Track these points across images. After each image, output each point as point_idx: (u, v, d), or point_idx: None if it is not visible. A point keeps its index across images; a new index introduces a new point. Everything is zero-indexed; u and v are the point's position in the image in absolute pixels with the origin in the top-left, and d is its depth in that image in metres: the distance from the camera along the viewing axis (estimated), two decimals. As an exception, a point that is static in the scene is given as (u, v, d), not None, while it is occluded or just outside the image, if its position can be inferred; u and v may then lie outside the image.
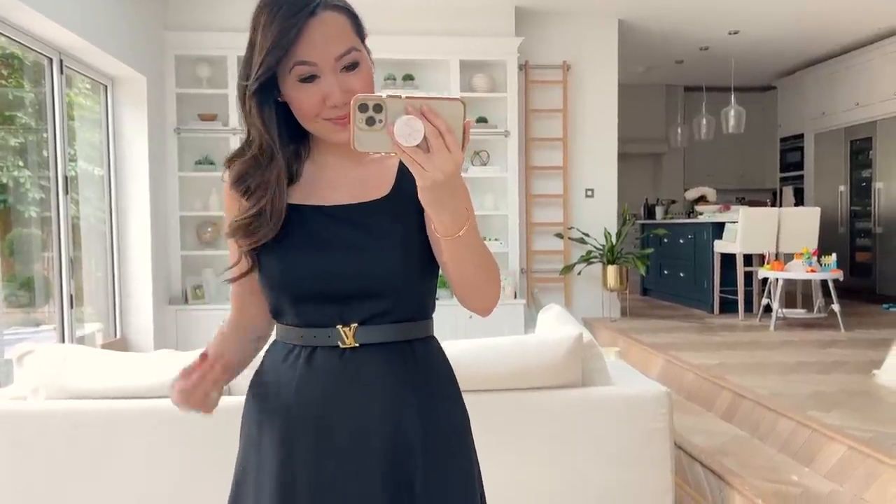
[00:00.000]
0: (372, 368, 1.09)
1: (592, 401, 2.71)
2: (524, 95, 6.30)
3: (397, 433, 1.08)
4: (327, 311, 1.09)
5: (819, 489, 2.72)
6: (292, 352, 1.12)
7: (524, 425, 2.68)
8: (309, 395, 1.09)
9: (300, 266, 1.08)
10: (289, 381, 1.11)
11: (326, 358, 1.09)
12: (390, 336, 1.10)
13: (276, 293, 1.12)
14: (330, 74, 1.04)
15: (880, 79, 7.25)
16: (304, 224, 1.10)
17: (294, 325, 1.12)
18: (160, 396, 2.62)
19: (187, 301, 5.76)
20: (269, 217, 1.07)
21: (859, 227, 7.61)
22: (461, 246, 0.99)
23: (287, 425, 1.10)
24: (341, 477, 1.07)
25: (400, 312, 1.11)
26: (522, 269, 6.38)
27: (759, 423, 3.38)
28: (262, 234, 1.08)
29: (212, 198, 5.82)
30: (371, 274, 1.08)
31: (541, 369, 2.69)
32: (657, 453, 2.68)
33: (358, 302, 1.08)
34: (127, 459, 2.57)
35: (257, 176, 1.09)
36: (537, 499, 2.67)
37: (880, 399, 3.42)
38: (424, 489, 1.08)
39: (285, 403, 1.11)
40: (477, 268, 1.04)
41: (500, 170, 6.08)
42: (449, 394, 1.17)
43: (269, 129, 1.08)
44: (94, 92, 5.09)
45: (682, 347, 4.83)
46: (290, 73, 1.04)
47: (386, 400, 1.09)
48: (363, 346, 1.09)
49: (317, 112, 1.05)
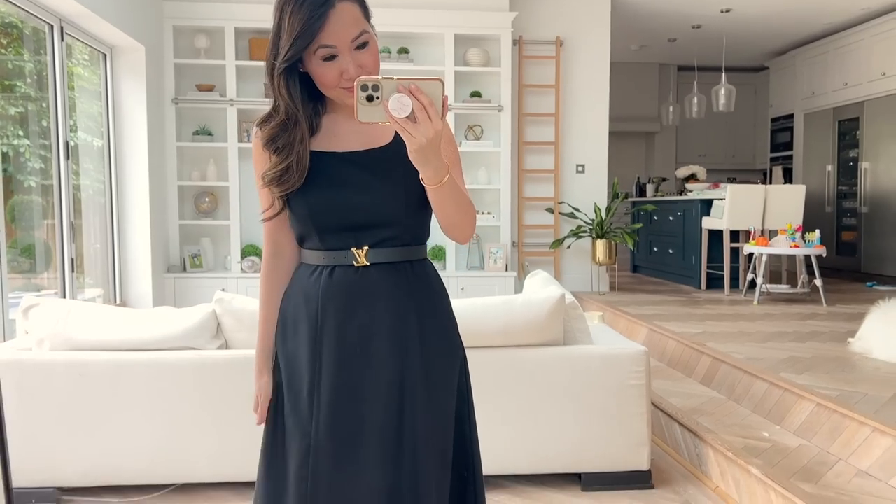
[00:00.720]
0: (380, 281, 1.36)
1: (574, 358, 2.84)
2: (518, 71, 6.40)
3: (400, 327, 1.36)
4: (344, 237, 1.35)
5: (787, 444, 2.87)
6: (315, 270, 1.38)
7: (509, 381, 2.81)
8: (332, 302, 1.36)
9: (322, 202, 1.34)
10: (315, 292, 1.37)
11: (344, 274, 1.36)
12: (394, 257, 1.37)
13: (303, 225, 1.38)
14: (346, 54, 1.28)
15: (868, 59, 7.35)
16: (324, 167, 1.34)
17: (317, 249, 1.38)
18: (160, 349, 2.76)
19: (185, 269, 5.88)
20: (296, 170, 1.33)
21: (845, 206, 7.75)
22: (443, 192, 1.24)
23: (316, 324, 1.37)
24: (357, 359, 1.35)
25: (401, 238, 1.37)
26: (514, 242, 6.50)
27: (735, 385, 3.52)
28: (292, 184, 1.33)
29: (209, 168, 5.92)
30: (379, 207, 1.34)
31: (525, 328, 2.83)
32: (634, 409, 2.83)
33: (368, 229, 1.35)
34: (129, 408, 2.70)
35: (285, 137, 1.34)
36: (521, 449, 2.82)
37: (852, 364, 3.56)
38: (421, 371, 1.36)
39: (315, 307, 1.37)
40: (456, 208, 1.30)
41: (494, 144, 6.19)
42: (439, 299, 1.44)
43: (294, 100, 1.33)
44: (94, 63, 5.16)
45: (666, 318, 4.97)
46: (314, 54, 1.27)
47: (391, 303, 1.36)
48: (373, 265, 1.36)
49: (335, 84, 1.29)
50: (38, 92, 4.53)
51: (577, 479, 2.87)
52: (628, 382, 2.83)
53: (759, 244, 5.63)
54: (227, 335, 2.85)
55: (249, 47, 5.93)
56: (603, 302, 5.88)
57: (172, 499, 2.75)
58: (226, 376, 2.74)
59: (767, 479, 2.45)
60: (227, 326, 2.83)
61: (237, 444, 2.73)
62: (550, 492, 2.82)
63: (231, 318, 2.82)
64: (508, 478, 2.90)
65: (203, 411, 2.75)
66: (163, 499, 2.75)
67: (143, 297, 5.44)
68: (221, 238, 6.09)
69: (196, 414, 2.75)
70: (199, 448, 2.76)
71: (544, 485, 2.88)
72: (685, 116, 8.72)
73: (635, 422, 2.83)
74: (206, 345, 2.79)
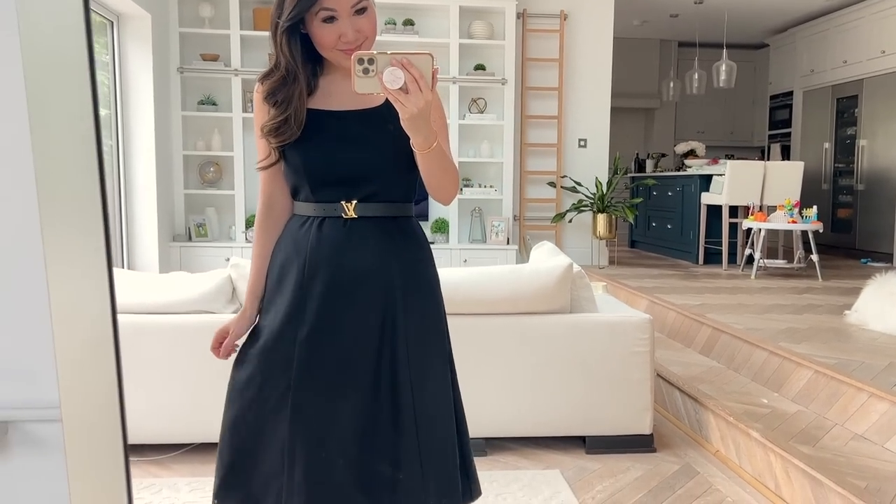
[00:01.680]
0: (367, 233, 1.44)
1: (580, 326, 2.93)
2: (521, 44, 6.42)
3: (386, 275, 1.45)
4: (334, 190, 1.43)
5: (786, 409, 2.97)
6: (307, 222, 1.46)
7: (516, 347, 2.90)
8: (321, 251, 1.44)
9: (316, 156, 1.43)
10: (305, 242, 1.45)
11: (334, 226, 1.44)
12: (381, 212, 1.45)
13: (297, 177, 1.46)
14: (346, 18, 1.35)
15: (868, 37, 7.39)
16: (319, 123, 1.43)
17: (308, 202, 1.46)
18: (178, 312, 2.82)
19: (191, 238, 5.93)
20: (294, 123, 1.41)
21: (842, 184, 7.83)
22: (431, 157, 1.33)
23: (304, 271, 1.44)
24: (342, 303, 1.43)
25: (388, 195, 1.46)
26: (515, 216, 6.57)
27: (735, 355, 3.62)
28: (289, 136, 1.41)
29: (214, 138, 5.95)
30: (369, 163, 1.43)
31: (533, 295, 2.90)
32: (639, 375, 2.91)
33: (358, 184, 1.43)
34: (147, 369, 2.78)
35: (284, 91, 1.42)
36: (527, 413, 2.91)
37: (848, 334, 3.66)
38: (404, 317, 1.45)
39: (303, 257, 1.45)
40: (442, 172, 1.39)
41: (497, 118, 6.23)
42: (423, 254, 1.53)
43: (294, 57, 1.41)
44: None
45: (666, 291, 5.06)
46: (315, 15, 1.35)
47: (377, 254, 1.44)
48: (361, 218, 1.44)
49: (333, 45, 1.37)
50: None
51: (582, 442, 2.96)
52: (633, 349, 2.91)
53: (757, 219, 5.71)
54: (242, 299, 2.91)
55: (254, 17, 5.93)
56: (603, 275, 5.96)
57: (189, 458, 2.83)
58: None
59: (767, 442, 2.55)
60: (242, 291, 2.90)
61: (253, 404, 2.81)
62: (556, 454, 2.91)
63: (245, 282, 2.88)
64: (515, 440, 3.00)
65: (219, 373, 2.81)
66: (180, 458, 2.83)
67: (149, 265, 5.50)
68: (226, 208, 6.14)
69: (212, 375, 2.81)
70: (215, 408, 2.82)
71: (549, 447, 2.97)
72: (685, 92, 8.75)
73: (639, 387, 2.92)
74: (222, 309, 2.86)
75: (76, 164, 0.74)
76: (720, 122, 10.20)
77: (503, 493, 2.56)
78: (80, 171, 0.74)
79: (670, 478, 2.70)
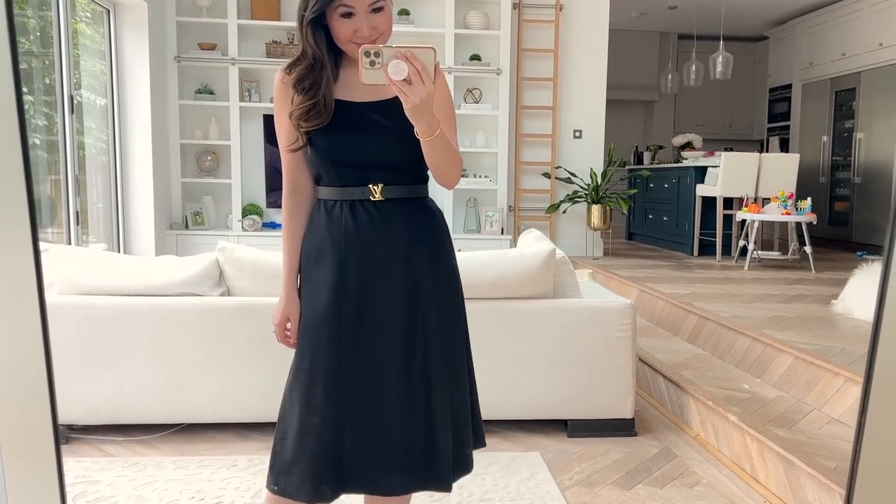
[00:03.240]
0: (395, 214, 1.57)
1: (563, 311, 2.96)
2: (517, 34, 6.44)
3: (412, 252, 1.58)
4: (359, 174, 1.56)
5: (766, 395, 3.00)
6: (335, 205, 1.58)
7: (500, 331, 2.93)
8: (357, 231, 1.56)
9: (342, 141, 1.54)
10: (339, 224, 1.57)
11: (364, 207, 1.57)
12: (404, 193, 1.59)
13: (322, 162, 1.57)
14: (362, 15, 1.47)
15: (867, 29, 7.38)
16: (342, 112, 1.54)
17: (333, 186, 1.58)
18: (165, 295, 2.86)
19: (187, 227, 5.98)
20: (323, 108, 1.52)
21: (839, 177, 7.83)
22: (434, 144, 1.43)
23: (341, 252, 1.56)
24: (378, 279, 1.56)
25: (408, 177, 1.59)
26: (510, 206, 6.60)
27: (719, 342, 3.65)
28: (320, 121, 1.52)
29: (211, 127, 5.99)
30: (389, 149, 1.54)
31: (516, 280, 2.94)
32: (620, 359, 2.95)
33: (379, 168, 1.55)
34: (134, 351, 2.82)
35: (312, 77, 1.53)
36: (511, 396, 2.94)
37: (833, 322, 3.69)
38: (430, 285, 1.59)
39: (339, 237, 1.57)
40: (444, 158, 1.50)
41: (492, 108, 6.25)
42: (442, 229, 1.66)
43: (319, 46, 1.53)
44: (96, 21, 5.20)
45: (657, 281, 5.09)
46: (335, 10, 1.47)
47: (404, 232, 1.58)
48: (388, 200, 1.57)
49: (348, 38, 1.48)
50: (41, 49, 4.58)
51: (564, 426, 3.00)
52: (615, 334, 2.95)
53: (751, 211, 5.73)
54: (229, 283, 2.96)
55: (251, 6, 5.96)
56: (596, 265, 5.99)
57: (176, 438, 2.88)
58: (228, 322, 2.85)
59: (744, 425, 2.58)
60: (229, 274, 2.94)
61: (238, 386, 2.85)
62: (538, 437, 2.95)
63: (233, 266, 2.93)
64: (499, 423, 3.03)
65: (205, 355, 2.87)
66: (167, 438, 2.88)
67: (145, 253, 5.55)
68: (223, 196, 6.18)
69: (198, 358, 2.86)
70: (201, 390, 2.88)
71: (532, 430, 3.01)
72: (683, 84, 8.76)
73: (621, 372, 2.96)
74: (208, 292, 2.90)
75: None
76: (719, 114, 10.20)
77: (482, 473, 2.60)
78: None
79: (649, 460, 2.74)
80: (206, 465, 2.66)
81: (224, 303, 2.87)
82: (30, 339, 0.81)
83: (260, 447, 2.82)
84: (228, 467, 2.64)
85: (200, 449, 2.81)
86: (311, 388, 1.54)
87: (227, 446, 2.83)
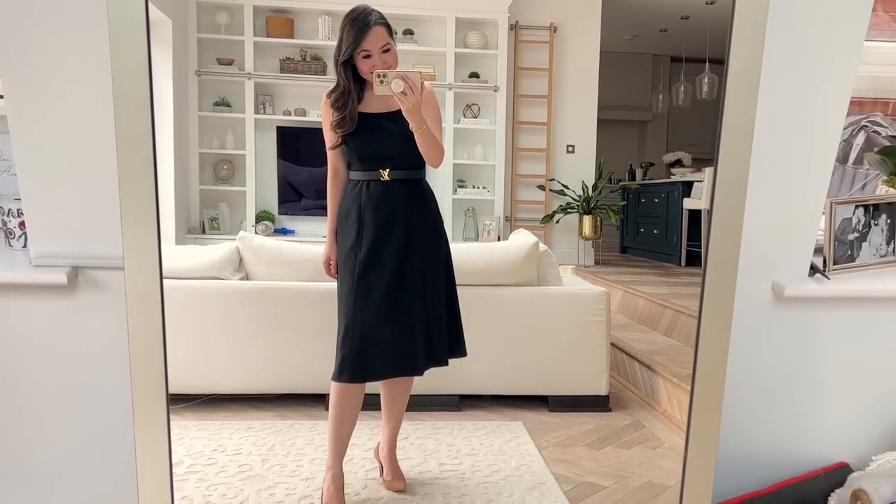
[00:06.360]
0: (398, 190, 2.27)
1: (545, 297, 3.32)
2: (514, 54, 6.85)
3: (411, 217, 2.27)
4: (375, 163, 2.26)
5: (725, 375, 3.34)
6: (358, 184, 2.29)
7: (488, 315, 3.29)
8: (370, 202, 2.26)
9: (364, 142, 2.25)
10: (359, 196, 2.28)
11: (376, 186, 2.27)
12: (405, 175, 2.28)
13: (352, 155, 2.28)
14: (377, 56, 2.16)
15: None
16: (365, 121, 2.24)
17: (359, 171, 2.29)
18: (190, 278, 3.21)
19: (204, 231, 6.35)
20: (349, 120, 2.23)
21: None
22: (421, 135, 2.16)
23: (360, 213, 2.27)
24: (384, 231, 2.25)
25: (410, 164, 2.28)
26: (507, 216, 6.97)
27: (692, 333, 3.98)
28: (348, 128, 2.24)
29: (228, 137, 6.38)
30: (394, 145, 2.23)
31: (504, 269, 3.30)
32: (596, 341, 3.30)
33: (389, 158, 2.25)
34: (165, 326, 3.16)
35: (343, 99, 2.24)
36: (497, 374, 3.30)
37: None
38: (420, 236, 2.28)
39: (358, 205, 2.28)
40: (429, 145, 2.20)
41: (490, 123, 6.65)
42: (432, 203, 2.37)
43: (348, 78, 2.22)
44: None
45: (641, 284, 5.44)
46: (359, 54, 2.16)
47: (404, 202, 2.27)
48: (392, 180, 2.27)
49: (369, 71, 2.16)
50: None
51: (545, 401, 3.35)
52: (591, 318, 3.30)
53: (732, 222, 6.06)
54: (248, 268, 3.32)
55: (266, 24, 6.38)
56: (586, 272, 6.34)
57: (199, 409, 3.21)
58: (246, 303, 3.20)
59: (700, 396, 2.92)
60: (248, 261, 3.30)
61: (255, 363, 3.20)
62: (521, 411, 3.29)
63: (251, 253, 3.29)
64: (485, 398, 3.38)
65: (225, 334, 3.21)
66: (191, 409, 3.21)
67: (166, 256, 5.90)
68: (238, 203, 6.55)
69: (219, 336, 3.21)
70: (221, 365, 3.22)
71: (516, 405, 3.35)
72: (673, 104, 9.15)
73: (596, 352, 3.31)
74: (229, 276, 3.26)
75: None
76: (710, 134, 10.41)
77: (470, 437, 2.95)
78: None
79: (619, 430, 3.08)
80: (226, 427, 3.01)
81: (243, 286, 3.22)
82: (154, 325, 1.17)
83: (273, 416, 3.16)
84: (245, 429, 2.99)
85: (220, 416, 3.15)
86: (348, 300, 2.23)
87: (244, 415, 3.17)
